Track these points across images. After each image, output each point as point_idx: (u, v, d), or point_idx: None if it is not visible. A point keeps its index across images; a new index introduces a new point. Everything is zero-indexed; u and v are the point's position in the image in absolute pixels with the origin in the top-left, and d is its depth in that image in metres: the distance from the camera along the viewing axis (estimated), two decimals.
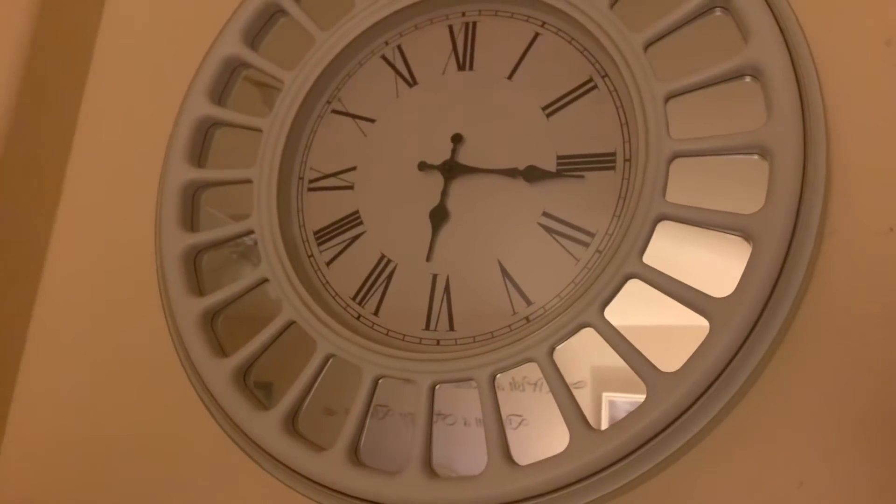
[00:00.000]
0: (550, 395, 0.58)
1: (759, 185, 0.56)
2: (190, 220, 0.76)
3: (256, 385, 0.69)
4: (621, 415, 0.56)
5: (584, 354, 0.58)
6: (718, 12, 0.62)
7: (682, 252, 0.58)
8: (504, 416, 0.60)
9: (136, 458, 0.75)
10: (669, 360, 0.55)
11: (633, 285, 0.58)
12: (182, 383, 0.71)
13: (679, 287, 0.56)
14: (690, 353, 0.54)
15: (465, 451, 0.61)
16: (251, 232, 0.72)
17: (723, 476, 0.55)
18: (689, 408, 0.53)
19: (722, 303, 0.54)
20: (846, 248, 0.56)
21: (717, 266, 0.57)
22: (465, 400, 0.61)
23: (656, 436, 0.54)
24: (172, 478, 0.73)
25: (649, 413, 0.54)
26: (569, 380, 0.59)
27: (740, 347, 0.53)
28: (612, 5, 0.64)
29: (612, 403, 0.58)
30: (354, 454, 0.62)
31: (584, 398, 0.58)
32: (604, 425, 0.57)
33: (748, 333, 0.53)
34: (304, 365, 0.66)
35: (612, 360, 0.57)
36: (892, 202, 0.56)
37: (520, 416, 0.60)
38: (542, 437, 0.58)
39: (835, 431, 0.53)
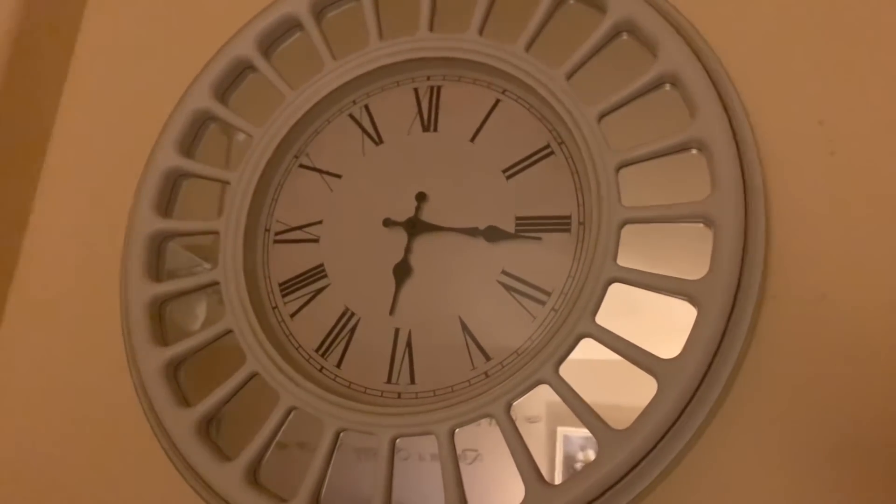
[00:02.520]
0: None
1: (707, 247, 0.60)
2: (155, 269, 0.77)
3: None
4: (575, 449, 0.59)
5: (541, 390, 0.61)
6: (668, 87, 0.66)
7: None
8: (460, 450, 0.62)
9: None
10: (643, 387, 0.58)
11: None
12: (145, 433, 0.71)
13: (629, 347, 0.59)
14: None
15: (420, 486, 0.62)
16: (216, 283, 0.74)
17: None
18: (638, 464, 0.56)
19: (668, 363, 0.57)
20: (784, 312, 0.60)
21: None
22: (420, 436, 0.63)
23: (607, 491, 0.56)
24: None
25: (601, 468, 0.56)
26: (525, 414, 0.61)
27: (686, 406, 0.56)
28: (568, 77, 0.68)
29: (566, 438, 0.61)
30: None
31: (539, 432, 0.61)
32: (558, 459, 0.60)
33: (693, 393, 0.56)
34: (261, 406, 0.67)
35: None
36: (824, 271, 0.60)
37: (475, 450, 0.62)
38: (497, 473, 0.60)
39: (774, 488, 0.57)
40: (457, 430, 0.62)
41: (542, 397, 0.61)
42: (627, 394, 0.59)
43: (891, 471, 0.55)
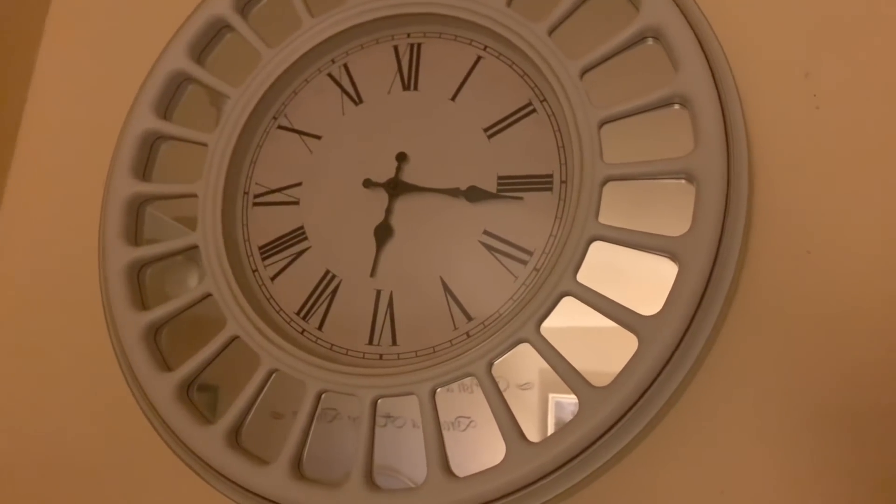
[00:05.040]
0: None
1: (689, 203, 0.60)
2: (134, 233, 0.76)
3: (201, 388, 0.70)
4: (567, 416, 0.58)
5: (532, 357, 0.60)
6: (650, 42, 0.64)
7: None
8: (453, 417, 0.62)
9: (78, 473, 0.75)
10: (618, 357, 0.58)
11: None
12: (125, 398, 0.71)
13: (610, 305, 0.58)
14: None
15: (414, 453, 0.62)
16: (195, 246, 0.73)
17: (649, 485, 0.58)
18: (618, 421, 0.56)
19: (649, 320, 0.57)
20: (767, 269, 0.60)
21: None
22: (415, 403, 0.62)
23: (587, 448, 0.56)
24: (116, 493, 0.73)
25: (581, 426, 0.56)
26: (517, 382, 0.61)
27: (666, 363, 0.56)
28: (550, 32, 0.67)
29: (558, 404, 0.60)
30: (297, 467, 0.63)
31: (531, 399, 0.61)
32: (550, 425, 0.60)
33: (674, 350, 0.56)
34: (248, 373, 0.67)
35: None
36: (809, 226, 0.59)
37: (468, 417, 0.62)
38: (491, 438, 0.59)
39: (754, 443, 0.57)
40: (438, 389, 0.62)
41: (535, 364, 0.60)
42: (608, 360, 0.58)
43: (873, 424, 0.55)
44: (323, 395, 0.65)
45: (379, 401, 0.63)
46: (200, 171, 0.75)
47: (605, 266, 0.61)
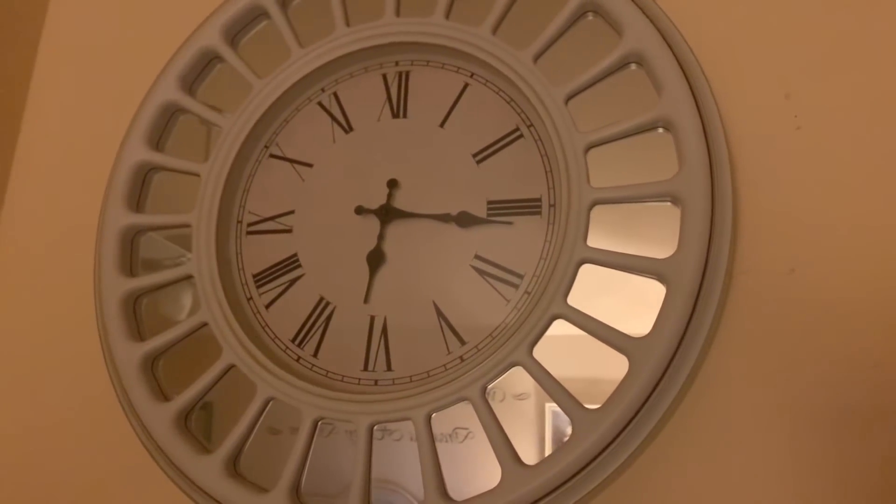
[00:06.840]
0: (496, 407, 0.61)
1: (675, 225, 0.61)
2: (129, 264, 0.76)
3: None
4: (564, 424, 0.59)
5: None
6: (633, 66, 0.66)
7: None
8: (451, 429, 0.63)
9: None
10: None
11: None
12: (124, 428, 0.71)
13: (600, 327, 0.59)
14: None
15: (412, 465, 0.62)
16: (190, 276, 0.73)
17: None
18: (612, 442, 0.57)
19: (639, 342, 0.58)
20: (753, 288, 0.61)
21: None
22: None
23: (582, 469, 0.57)
24: None
25: (575, 448, 0.57)
26: (513, 392, 0.62)
27: (657, 384, 0.57)
28: (535, 59, 0.68)
29: (554, 414, 0.61)
30: (296, 494, 0.64)
31: (528, 409, 0.62)
32: (547, 434, 0.61)
33: (664, 370, 0.57)
34: (244, 391, 0.67)
35: (556, 373, 0.60)
36: (792, 245, 0.61)
37: (466, 428, 0.63)
38: (490, 450, 0.60)
39: (746, 459, 0.57)
40: (434, 414, 0.62)
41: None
42: (604, 367, 0.59)
43: (861, 438, 0.56)
44: (320, 423, 0.65)
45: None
46: (193, 199, 0.76)
47: (595, 273, 0.62)
